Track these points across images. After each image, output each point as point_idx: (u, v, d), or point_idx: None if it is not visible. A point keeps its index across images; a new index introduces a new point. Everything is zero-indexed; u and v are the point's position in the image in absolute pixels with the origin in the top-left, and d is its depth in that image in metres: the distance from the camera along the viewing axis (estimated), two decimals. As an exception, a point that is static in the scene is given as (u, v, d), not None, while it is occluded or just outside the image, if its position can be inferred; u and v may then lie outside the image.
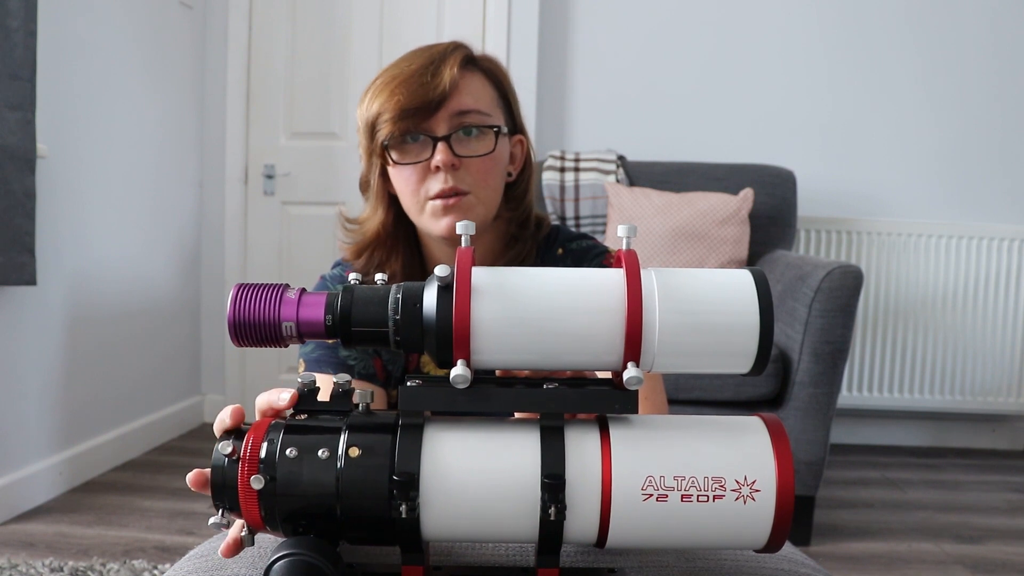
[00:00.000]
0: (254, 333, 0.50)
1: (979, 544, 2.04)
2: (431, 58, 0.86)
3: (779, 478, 0.48)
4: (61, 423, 2.21)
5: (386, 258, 0.93)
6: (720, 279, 0.49)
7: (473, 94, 0.87)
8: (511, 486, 0.48)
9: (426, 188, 0.87)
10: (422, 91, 0.84)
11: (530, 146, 0.97)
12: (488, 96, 0.90)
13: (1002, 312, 2.73)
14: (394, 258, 0.93)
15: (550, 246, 0.98)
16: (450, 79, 0.84)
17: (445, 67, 0.85)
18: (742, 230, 2.32)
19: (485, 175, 0.87)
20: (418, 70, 0.85)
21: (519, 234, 0.95)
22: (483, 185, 0.87)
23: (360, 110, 0.89)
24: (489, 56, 0.93)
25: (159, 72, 2.65)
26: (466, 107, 0.86)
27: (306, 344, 0.91)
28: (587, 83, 2.83)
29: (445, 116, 0.85)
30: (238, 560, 0.64)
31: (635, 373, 0.46)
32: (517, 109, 0.95)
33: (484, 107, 0.88)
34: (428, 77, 0.84)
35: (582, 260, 0.96)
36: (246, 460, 0.49)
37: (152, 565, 1.75)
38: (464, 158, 0.86)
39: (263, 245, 2.96)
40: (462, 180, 0.86)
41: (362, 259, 0.94)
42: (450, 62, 0.85)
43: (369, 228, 0.93)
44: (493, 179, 0.89)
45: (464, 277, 0.47)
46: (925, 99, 2.79)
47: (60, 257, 2.17)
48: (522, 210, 0.95)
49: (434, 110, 0.85)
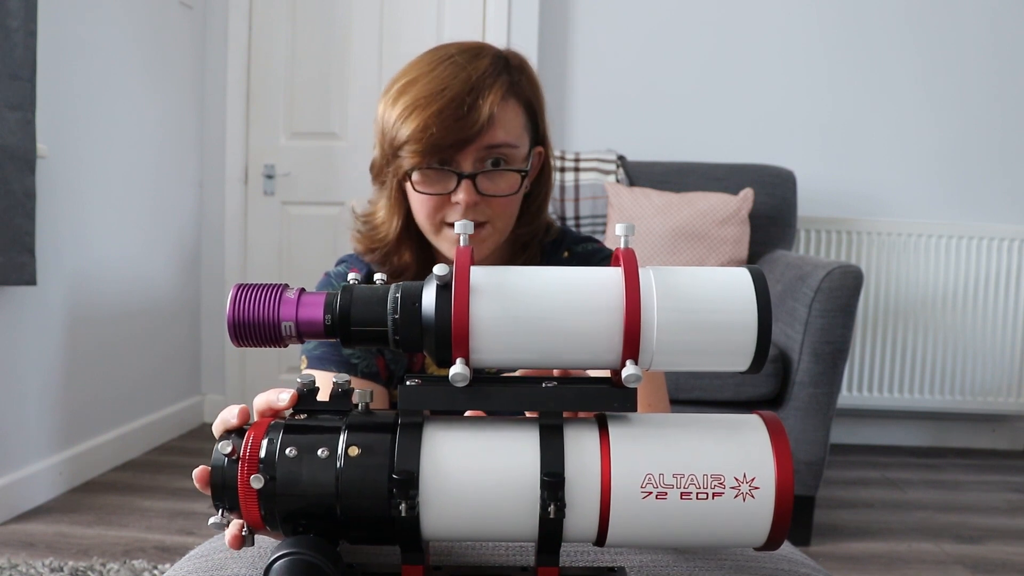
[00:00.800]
0: (253, 333, 0.50)
1: (979, 544, 2.04)
2: (469, 83, 0.81)
3: (778, 476, 0.48)
4: (61, 423, 2.21)
5: (398, 256, 0.93)
6: (718, 277, 0.49)
7: (506, 126, 0.84)
8: (510, 484, 0.48)
9: (443, 215, 0.86)
10: (457, 127, 0.80)
11: (550, 155, 0.94)
12: (520, 124, 0.87)
13: (1002, 312, 2.73)
14: (406, 252, 0.92)
15: (556, 249, 0.97)
16: (488, 116, 0.81)
17: (485, 101, 0.81)
18: (742, 230, 2.32)
19: (504, 208, 0.87)
20: (455, 99, 0.80)
21: (530, 242, 0.95)
22: (500, 216, 0.87)
23: (383, 115, 0.85)
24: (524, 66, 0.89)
25: (159, 72, 2.65)
26: (498, 141, 0.83)
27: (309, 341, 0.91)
28: (587, 83, 2.83)
29: (475, 150, 0.83)
30: (238, 560, 0.64)
31: (634, 371, 0.47)
32: (543, 120, 0.92)
33: (514, 139, 0.85)
34: (464, 110, 0.80)
35: (587, 263, 0.96)
36: (246, 460, 0.49)
37: (152, 565, 1.75)
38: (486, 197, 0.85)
39: (263, 245, 2.96)
40: (481, 213, 0.85)
41: (374, 255, 0.93)
42: (491, 96, 0.81)
43: (384, 233, 0.92)
44: (512, 209, 0.88)
45: (463, 276, 0.47)
46: (925, 99, 2.79)
47: (60, 257, 2.17)
48: (536, 224, 0.94)
49: (466, 145, 0.82)
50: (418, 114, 0.80)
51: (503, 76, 0.85)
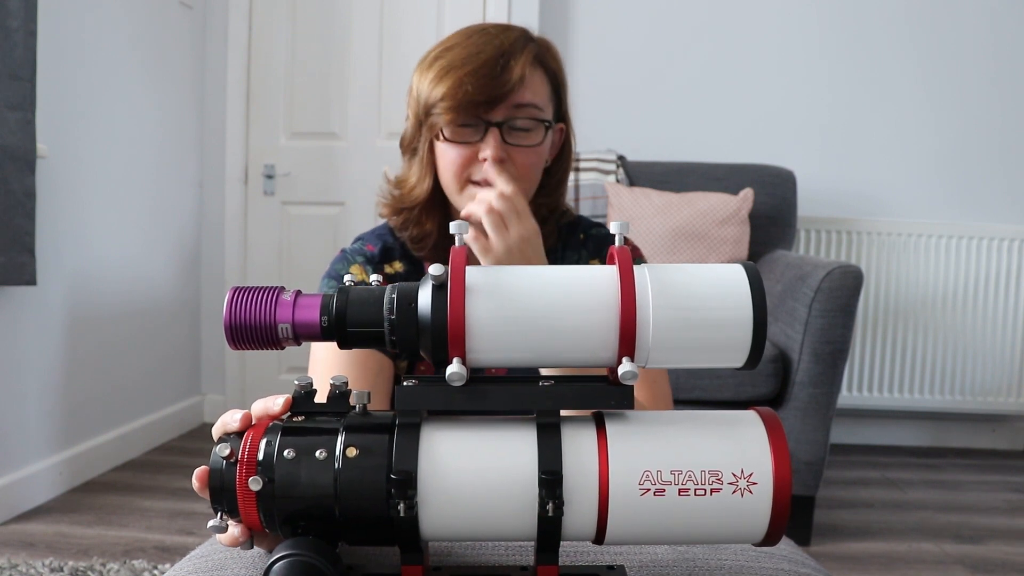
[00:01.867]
0: (250, 336, 0.50)
1: (979, 544, 2.04)
2: (501, 49, 0.87)
3: (776, 471, 0.48)
4: (61, 423, 2.21)
5: (422, 219, 0.95)
6: (713, 274, 0.50)
7: (534, 89, 0.89)
8: (508, 483, 0.48)
9: (469, 172, 0.89)
10: (492, 84, 0.85)
11: (571, 133, 0.98)
12: (546, 93, 0.92)
13: (1002, 312, 2.73)
14: (429, 217, 0.95)
15: (572, 231, 1.00)
16: (519, 76, 0.86)
17: (517, 63, 0.86)
18: (742, 230, 2.32)
19: (528, 168, 0.90)
20: (489, 61, 0.86)
21: (548, 217, 0.97)
22: (524, 177, 0.90)
23: (418, 83, 0.90)
24: (550, 46, 0.95)
25: (159, 72, 2.65)
26: (526, 101, 0.88)
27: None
28: (587, 83, 2.83)
29: (505, 108, 0.87)
30: (238, 561, 0.64)
31: (630, 368, 0.47)
32: (565, 98, 0.96)
33: (541, 102, 0.90)
34: (498, 70, 0.86)
35: (602, 247, 0.99)
36: (244, 462, 0.49)
37: (152, 565, 1.75)
38: (512, 147, 0.88)
39: (263, 245, 2.96)
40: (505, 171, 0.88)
41: (399, 218, 0.96)
42: (522, 59, 0.87)
43: (416, 194, 0.94)
44: (534, 172, 0.92)
45: (458, 276, 0.47)
46: (925, 99, 2.79)
47: (60, 257, 2.17)
48: (556, 196, 0.97)
49: (497, 103, 0.86)
50: (453, 74, 0.86)
51: (532, 45, 0.91)
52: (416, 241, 0.95)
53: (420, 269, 0.97)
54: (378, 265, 0.95)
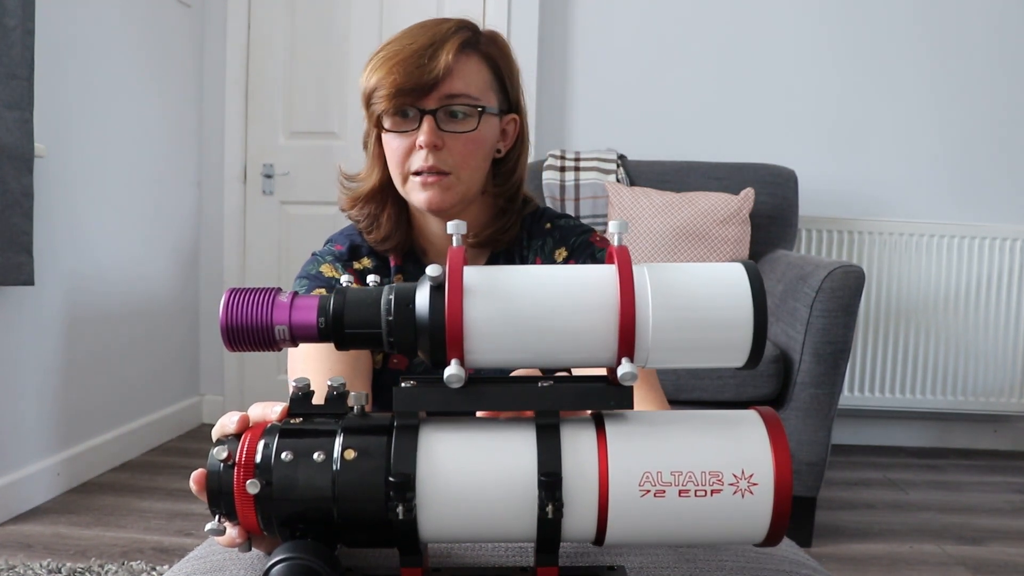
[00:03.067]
0: (247, 338, 0.50)
1: (981, 545, 2.03)
2: (432, 39, 0.90)
3: (777, 471, 0.48)
4: (59, 424, 2.21)
5: (378, 211, 0.98)
6: (712, 273, 0.49)
7: (465, 78, 0.90)
8: (508, 484, 0.48)
9: (410, 163, 0.91)
10: (417, 73, 0.88)
11: (524, 124, 1.00)
12: (482, 80, 0.93)
13: (1004, 312, 2.73)
14: (385, 212, 0.98)
15: (537, 220, 1.02)
16: (444, 64, 0.88)
17: (442, 52, 0.88)
18: (743, 230, 2.32)
19: (467, 156, 0.91)
20: (417, 51, 0.89)
21: (507, 207, 0.99)
22: (464, 165, 0.91)
23: (362, 78, 0.94)
24: (492, 35, 0.96)
25: (157, 71, 2.64)
26: (456, 91, 0.89)
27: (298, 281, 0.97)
28: (587, 82, 2.82)
29: (436, 97, 0.89)
30: (237, 562, 0.64)
31: (630, 369, 0.46)
32: (515, 89, 0.97)
33: (475, 91, 0.91)
34: (425, 60, 0.88)
35: (568, 236, 1.00)
36: (241, 465, 0.49)
37: (150, 567, 1.74)
38: (447, 133, 0.90)
39: (262, 245, 2.95)
40: (443, 161, 0.90)
41: (356, 210, 0.99)
42: (448, 47, 0.89)
43: (365, 186, 0.98)
44: (475, 159, 0.92)
45: (456, 276, 0.47)
46: (927, 99, 2.79)
47: (58, 257, 2.17)
48: (510, 185, 0.99)
49: (426, 92, 0.89)
50: (385, 64, 0.89)
51: (463, 32, 0.92)
52: (379, 242, 0.98)
53: (387, 263, 1.00)
54: (347, 263, 0.98)
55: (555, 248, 0.99)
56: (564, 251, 0.98)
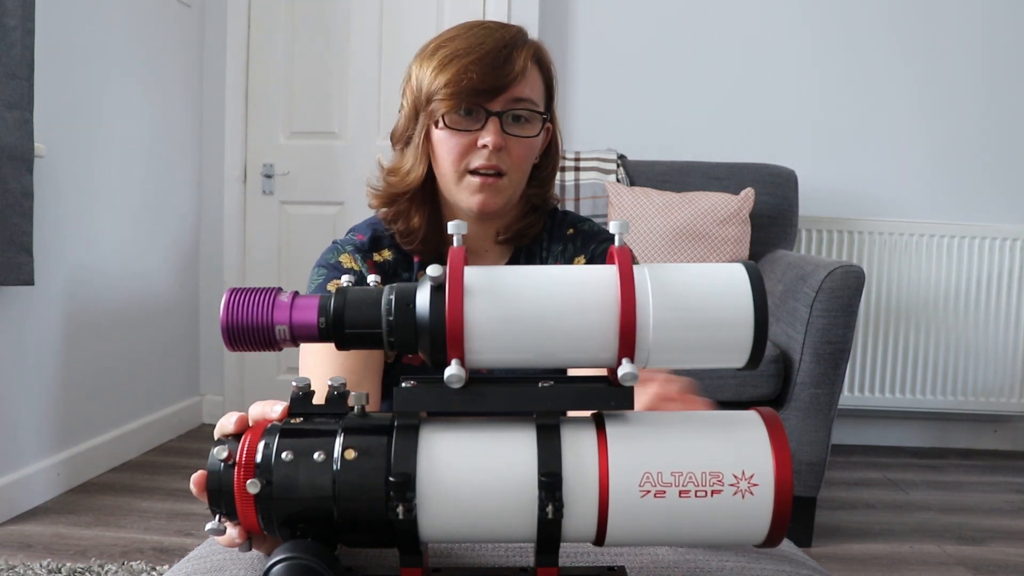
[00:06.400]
0: (248, 337, 0.50)
1: (981, 545, 2.03)
2: (503, 42, 0.90)
3: (777, 472, 0.48)
4: (59, 423, 2.21)
5: (411, 210, 0.96)
6: (713, 273, 0.49)
7: (532, 84, 0.93)
8: (508, 485, 0.48)
9: (468, 160, 0.91)
10: (495, 74, 0.88)
11: (557, 132, 1.02)
12: (540, 90, 0.95)
13: (1004, 312, 2.73)
14: (418, 212, 0.96)
15: (559, 224, 1.03)
16: (520, 69, 0.89)
17: (519, 56, 0.90)
18: (743, 230, 2.32)
19: (521, 160, 0.93)
20: (492, 51, 0.89)
21: (538, 207, 1.01)
22: (518, 168, 0.93)
23: (418, 72, 0.92)
24: (545, 48, 0.99)
25: (157, 71, 2.64)
26: (525, 95, 0.91)
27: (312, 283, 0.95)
28: (587, 82, 2.82)
29: (504, 100, 0.90)
30: (237, 562, 0.64)
31: (630, 369, 0.46)
32: (555, 100, 1.00)
33: (537, 98, 0.94)
34: (501, 61, 0.89)
35: (590, 241, 1.01)
36: (242, 465, 0.49)
37: (150, 567, 1.74)
38: (511, 136, 0.90)
39: (262, 245, 2.95)
40: (503, 161, 0.90)
41: (389, 209, 0.97)
42: (523, 53, 0.91)
43: (410, 180, 0.95)
44: (527, 163, 0.94)
45: (456, 277, 0.47)
46: (926, 99, 2.79)
47: (58, 257, 2.17)
48: (545, 189, 1.01)
49: (498, 94, 0.89)
50: (456, 63, 0.88)
51: (531, 43, 0.95)
52: (404, 236, 0.97)
53: (409, 258, 0.99)
54: (367, 253, 0.96)
55: (575, 255, 1.00)
56: (583, 259, 1.00)
